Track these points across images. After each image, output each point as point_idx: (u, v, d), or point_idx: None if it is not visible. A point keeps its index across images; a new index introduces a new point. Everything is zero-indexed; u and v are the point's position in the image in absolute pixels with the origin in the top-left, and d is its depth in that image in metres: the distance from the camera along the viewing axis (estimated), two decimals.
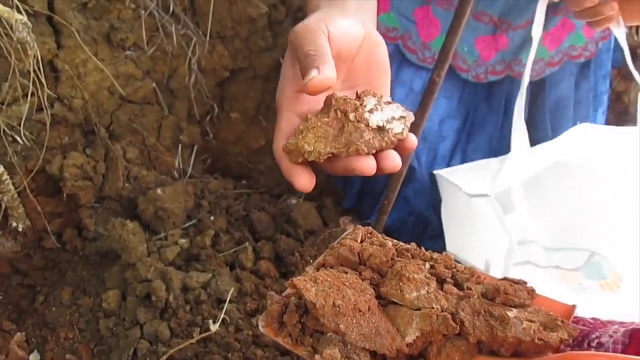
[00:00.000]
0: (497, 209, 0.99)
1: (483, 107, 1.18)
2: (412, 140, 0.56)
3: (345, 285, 0.49)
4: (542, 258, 1.15)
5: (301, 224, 1.25)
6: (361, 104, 0.53)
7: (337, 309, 0.47)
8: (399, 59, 1.16)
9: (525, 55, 1.10)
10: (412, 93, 1.14)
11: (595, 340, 0.60)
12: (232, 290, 1.05)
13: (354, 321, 0.47)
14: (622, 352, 0.57)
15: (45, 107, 1.10)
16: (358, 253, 0.56)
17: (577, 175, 1.11)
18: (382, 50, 0.61)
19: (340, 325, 0.47)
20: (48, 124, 1.12)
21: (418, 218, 1.25)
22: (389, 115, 0.55)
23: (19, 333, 1.10)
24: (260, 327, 0.52)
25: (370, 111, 0.53)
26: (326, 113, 0.53)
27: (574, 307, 0.56)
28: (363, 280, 0.53)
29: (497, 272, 0.98)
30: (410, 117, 0.57)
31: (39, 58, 1.03)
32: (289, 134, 0.54)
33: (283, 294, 0.55)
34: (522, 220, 1.17)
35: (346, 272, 0.53)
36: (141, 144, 1.32)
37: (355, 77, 0.61)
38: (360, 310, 0.48)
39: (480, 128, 1.22)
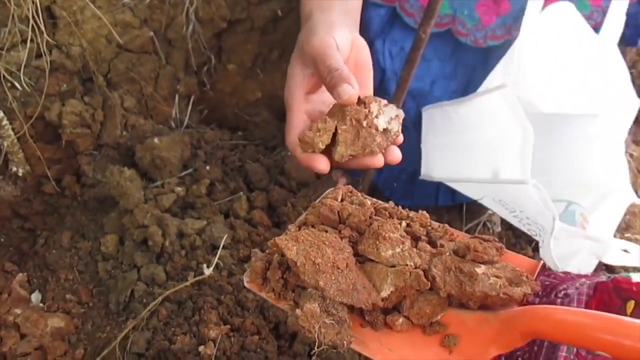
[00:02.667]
0: (513, 100, 0.98)
1: (481, 71, 1.16)
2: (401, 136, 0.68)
3: (325, 244, 0.53)
4: None
5: (294, 176, 1.27)
6: (369, 111, 0.63)
7: (317, 266, 0.51)
8: (392, 19, 1.15)
9: None
10: (402, 52, 1.13)
11: (563, 292, 0.65)
12: (225, 237, 1.08)
13: (333, 278, 0.51)
14: (586, 302, 0.62)
15: (44, 52, 1.11)
16: (338, 212, 0.60)
17: (562, 126, 1.13)
18: (366, 53, 0.72)
19: (320, 282, 0.51)
20: (47, 71, 1.13)
21: (408, 176, 1.26)
22: (389, 116, 0.65)
23: (20, 274, 1.13)
24: (245, 282, 0.56)
25: (376, 116, 0.63)
26: (342, 120, 0.62)
27: (539, 262, 0.60)
28: (342, 238, 0.57)
29: (512, 174, 1.02)
30: (402, 115, 0.67)
31: (38, 4, 1.04)
32: (299, 130, 0.65)
33: (267, 252, 0.59)
34: None
35: (326, 231, 0.57)
36: (138, 93, 1.33)
37: None
38: (338, 268, 0.52)
39: (475, 90, 1.21)
